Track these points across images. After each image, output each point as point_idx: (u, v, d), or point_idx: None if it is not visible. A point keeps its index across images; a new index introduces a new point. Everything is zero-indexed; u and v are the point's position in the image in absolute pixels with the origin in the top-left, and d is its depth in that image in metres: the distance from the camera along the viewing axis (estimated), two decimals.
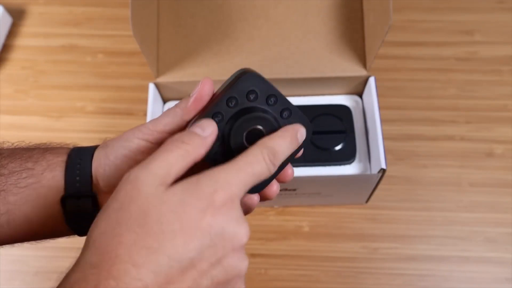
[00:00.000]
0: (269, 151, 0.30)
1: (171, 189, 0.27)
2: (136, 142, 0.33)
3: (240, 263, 0.27)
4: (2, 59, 0.77)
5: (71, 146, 0.37)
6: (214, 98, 0.32)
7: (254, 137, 0.31)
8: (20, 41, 0.78)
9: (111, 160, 0.33)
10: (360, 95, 0.63)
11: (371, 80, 0.59)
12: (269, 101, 0.32)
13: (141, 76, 0.73)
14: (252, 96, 0.31)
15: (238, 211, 0.28)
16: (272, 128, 0.32)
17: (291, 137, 0.32)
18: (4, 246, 0.35)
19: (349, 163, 0.59)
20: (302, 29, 0.61)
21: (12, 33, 0.79)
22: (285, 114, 0.32)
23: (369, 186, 0.58)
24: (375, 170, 0.56)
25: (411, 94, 0.71)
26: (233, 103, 0.31)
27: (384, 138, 0.55)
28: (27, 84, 0.75)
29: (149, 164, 0.27)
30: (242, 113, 0.31)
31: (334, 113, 0.61)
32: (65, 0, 0.81)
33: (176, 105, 0.33)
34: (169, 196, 0.26)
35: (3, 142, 0.38)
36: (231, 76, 0.33)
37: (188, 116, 0.33)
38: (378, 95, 0.58)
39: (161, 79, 0.61)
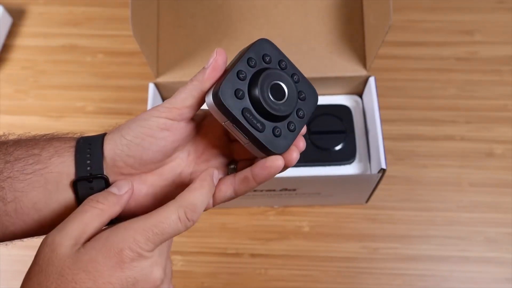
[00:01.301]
0: (187, 208, 0.30)
1: (83, 248, 0.29)
2: (155, 120, 0.33)
3: None
4: (2, 59, 0.77)
5: (77, 136, 0.37)
6: (229, 68, 0.33)
7: (277, 92, 0.32)
8: (20, 41, 0.78)
9: (128, 139, 0.34)
10: (360, 95, 0.63)
11: (371, 80, 0.59)
12: (281, 65, 0.34)
13: (141, 76, 0.73)
14: (267, 59, 0.33)
15: (149, 260, 0.29)
16: (290, 86, 0.33)
17: (209, 184, 0.32)
18: (15, 241, 0.35)
19: (349, 163, 0.59)
20: (302, 29, 0.61)
21: (12, 33, 0.79)
22: (295, 78, 0.34)
23: (369, 186, 0.58)
24: (375, 170, 0.56)
25: (411, 94, 0.71)
26: (253, 63, 0.33)
27: (384, 138, 0.55)
28: (27, 84, 0.75)
29: (65, 226, 0.29)
30: (261, 73, 0.32)
31: (334, 113, 0.61)
32: (65, 0, 0.81)
33: (192, 79, 0.34)
34: (81, 256, 0.28)
35: (9, 133, 0.38)
36: (242, 49, 0.34)
37: (207, 86, 0.33)
38: (378, 95, 0.58)
39: (161, 79, 0.61)
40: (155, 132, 0.33)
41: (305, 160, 0.58)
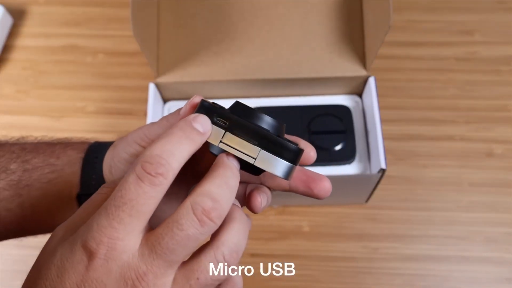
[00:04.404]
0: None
1: (69, 238, 0.24)
2: (134, 147, 0.32)
3: None
4: (2, 59, 0.77)
5: (92, 141, 0.37)
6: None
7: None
8: (21, 41, 0.79)
9: (115, 163, 0.33)
10: (360, 95, 0.63)
11: (371, 80, 0.59)
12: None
13: (141, 76, 0.73)
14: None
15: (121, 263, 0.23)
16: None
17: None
18: (26, 237, 0.36)
19: (349, 163, 0.59)
20: (302, 29, 0.61)
21: (12, 33, 0.79)
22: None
23: (369, 186, 0.58)
24: (375, 170, 0.56)
25: (411, 94, 0.71)
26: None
27: (384, 138, 0.55)
28: (28, 84, 0.75)
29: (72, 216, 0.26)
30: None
31: (334, 113, 0.61)
32: (66, 0, 0.81)
33: (165, 117, 0.31)
34: (59, 247, 0.24)
35: (27, 136, 0.39)
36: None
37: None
38: (378, 95, 0.58)
39: (161, 79, 0.61)
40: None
41: None
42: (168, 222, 0.23)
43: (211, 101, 0.30)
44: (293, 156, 0.27)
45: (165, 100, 0.64)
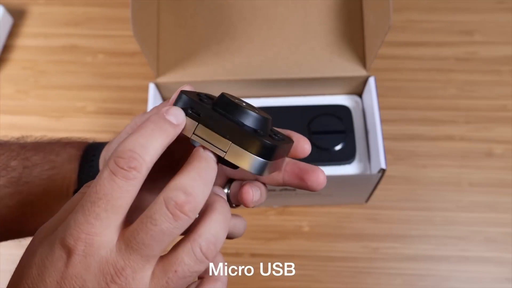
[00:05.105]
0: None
1: (46, 239, 0.24)
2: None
3: None
4: (2, 59, 0.77)
5: (90, 141, 0.38)
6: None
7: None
8: (21, 41, 0.79)
9: (109, 156, 0.33)
10: (360, 95, 0.64)
11: (371, 80, 0.59)
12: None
13: (141, 76, 0.73)
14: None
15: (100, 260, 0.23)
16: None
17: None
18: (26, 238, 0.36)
19: (349, 163, 0.59)
20: (302, 29, 0.61)
21: (12, 33, 0.79)
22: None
23: (369, 186, 0.58)
24: (375, 170, 0.56)
25: (411, 94, 0.71)
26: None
27: (384, 138, 0.55)
28: (28, 84, 0.75)
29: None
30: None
31: (334, 113, 0.61)
32: (66, 0, 0.81)
33: (156, 107, 0.31)
34: (39, 247, 0.24)
35: (28, 136, 0.39)
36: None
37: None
38: (378, 95, 0.58)
39: (161, 79, 0.61)
40: None
41: (305, 160, 0.58)
42: (142, 218, 0.23)
43: (203, 92, 0.30)
44: (266, 151, 0.26)
45: (165, 100, 0.64)
